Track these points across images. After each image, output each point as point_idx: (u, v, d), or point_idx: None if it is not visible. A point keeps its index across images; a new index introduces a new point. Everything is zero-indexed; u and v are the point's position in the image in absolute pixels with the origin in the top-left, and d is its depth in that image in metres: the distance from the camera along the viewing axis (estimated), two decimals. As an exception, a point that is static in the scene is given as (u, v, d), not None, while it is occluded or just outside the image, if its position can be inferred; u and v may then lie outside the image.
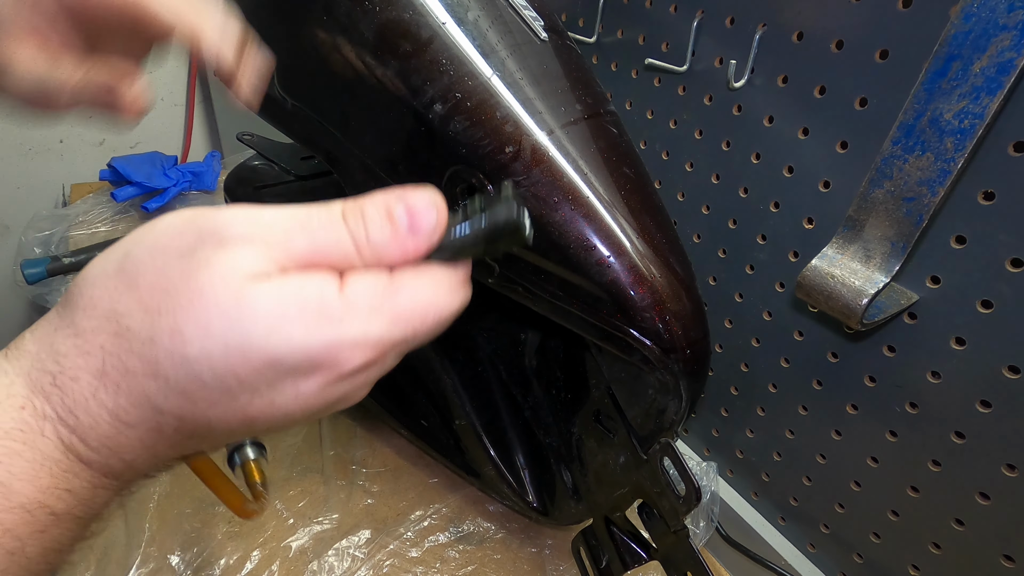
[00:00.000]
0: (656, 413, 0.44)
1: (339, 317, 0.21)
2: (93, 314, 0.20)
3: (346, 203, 0.23)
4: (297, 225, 0.22)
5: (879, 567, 0.53)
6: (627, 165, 0.44)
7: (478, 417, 0.58)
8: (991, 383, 0.42)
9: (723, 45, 0.55)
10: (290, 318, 0.20)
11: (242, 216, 0.21)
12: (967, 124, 0.36)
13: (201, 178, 1.11)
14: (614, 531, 0.49)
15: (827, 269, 0.45)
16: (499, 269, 0.44)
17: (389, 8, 0.45)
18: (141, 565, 0.53)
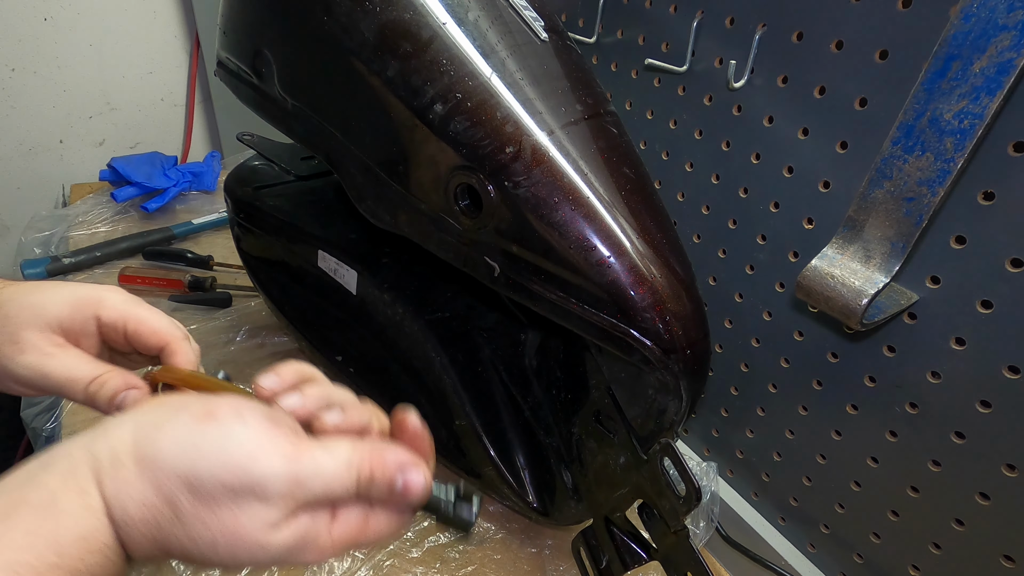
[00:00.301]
0: (656, 413, 0.44)
1: (325, 549, 0.30)
2: (163, 491, 0.27)
3: (360, 458, 0.30)
4: (322, 481, 0.29)
5: (879, 567, 0.53)
6: (627, 165, 0.44)
7: (478, 417, 0.58)
8: (991, 383, 0.42)
9: (723, 45, 0.55)
10: (293, 551, 0.29)
11: (282, 475, 0.28)
12: (967, 124, 0.37)
13: (201, 178, 1.12)
14: (614, 531, 0.49)
15: (827, 269, 0.45)
16: (499, 270, 0.44)
17: (389, 8, 0.45)
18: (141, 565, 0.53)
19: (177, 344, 0.38)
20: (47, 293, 0.37)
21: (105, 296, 0.38)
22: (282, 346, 0.79)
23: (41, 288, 0.37)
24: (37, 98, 1.16)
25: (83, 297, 0.37)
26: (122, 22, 1.18)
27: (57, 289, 0.37)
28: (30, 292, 0.37)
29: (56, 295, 0.37)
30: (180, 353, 0.38)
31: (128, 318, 0.38)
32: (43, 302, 0.36)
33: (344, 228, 0.69)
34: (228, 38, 0.59)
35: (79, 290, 0.38)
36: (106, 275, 0.90)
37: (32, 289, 0.37)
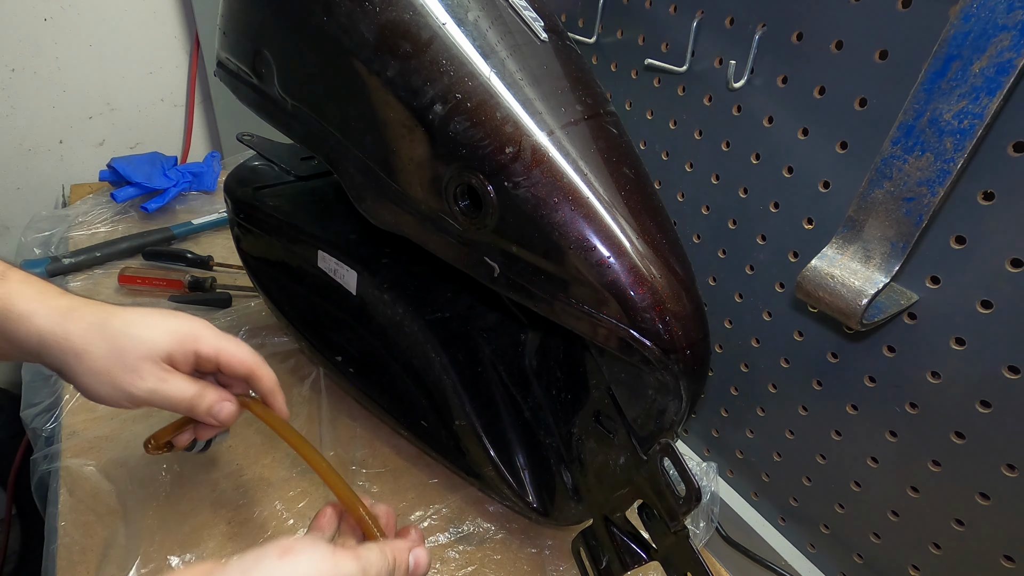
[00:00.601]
0: (656, 413, 0.44)
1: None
2: None
3: (391, 551, 0.41)
4: (375, 570, 0.39)
5: (879, 567, 0.53)
6: (627, 165, 0.44)
7: (478, 417, 0.58)
8: (991, 383, 0.42)
9: (723, 45, 0.55)
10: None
11: (355, 571, 0.38)
12: (967, 124, 0.37)
13: (201, 178, 1.12)
14: (614, 531, 0.49)
15: (827, 269, 0.45)
16: (499, 270, 0.44)
17: (389, 9, 0.45)
18: (141, 566, 0.53)
19: (259, 371, 0.49)
20: (154, 328, 0.44)
21: (201, 332, 0.46)
22: (282, 346, 0.79)
23: (147, 321, 0.45)
24: (37, 98, 1.16)
25: (184, 333, 0.45)
26: (122, 22, 1.18)
27: (161, 322, 0.45)
28: (139, 325, 0.44)
29: (162, 330, 0.45)
30: (263, 378, 0.49)
31: (220, 352, 0.47)
32: (153, 337, 0.44)
33: (344, 228, 0.69)
34: (228, 38, 0.59)
35: (179, 325, 0.46)
36: (106, 275, 0.90)
37: (139, 322, 0.44)
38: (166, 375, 0.44)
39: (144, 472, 0.61)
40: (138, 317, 0.44)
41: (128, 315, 0.44)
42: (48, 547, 0.55)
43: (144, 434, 0.65)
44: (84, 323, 0.43)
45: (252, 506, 0.60)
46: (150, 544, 0.55)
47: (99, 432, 0.65)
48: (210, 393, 0.46)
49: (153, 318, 0.45)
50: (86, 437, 0.64)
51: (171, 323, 0.45)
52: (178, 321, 0.46)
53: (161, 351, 0.44)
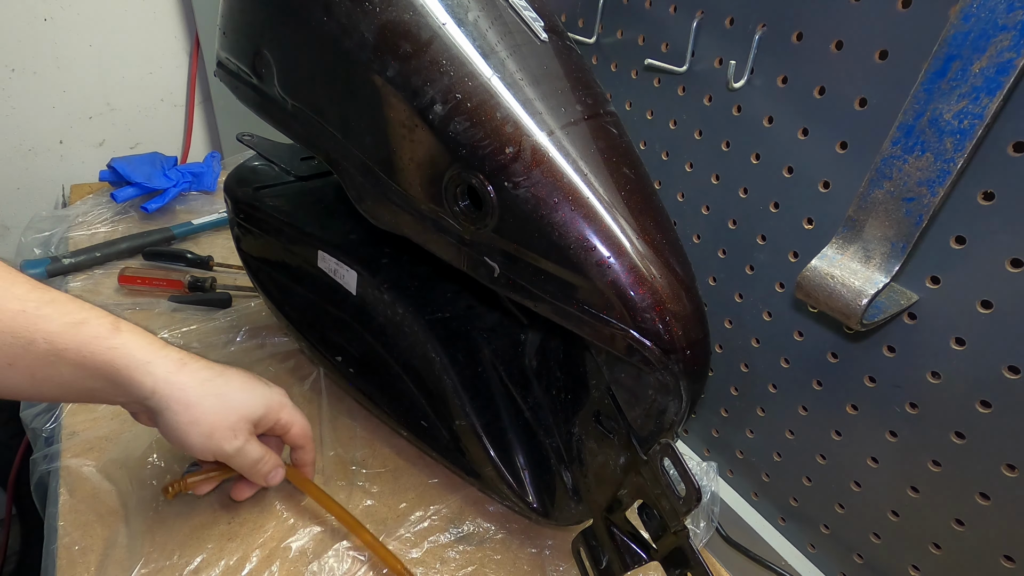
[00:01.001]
0: (656, 414, 0.44)
1: None
2: None
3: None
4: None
5: (879, 567, 0.53)
6: (627, 166, 0.44)
7: (478, 418, 0.58)
8: (991, 383, 0.42)
9: (723, 45, 0.55)
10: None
11: None
12: (967, 124, 0.37)
13: (201, 179, 1.12)
14: (614, 531, 0.49)
15: (827, 269, 0.45)
16: (499, 270, 0.44)
17: (389, 9, 0.45)
18: (142, 566, 0.53)
19: (310, 443, 0.57)
20: (253, 393, 0.51)
21: (284, 403, 0.54)
22: (282, 346, 0.79)
23: (250, 386, 0.51)
24: (37, 98, 1.16)
25: (275, 402, 0.53)
26: (122, 22, 1.18)
27: (260, 388, 0.52)
28: (243, 389, 0.51)
29: (259, 395, 0.52)
30: (309, 451, 0.57)
31: (294, 424, 0.54)
32: (253, 401, 0.51)
33: (344, 228, 0.69)
34: (228, 38, 0.59)
35: (272, 394, 0.53)
36: (106, 275, 0.90)
37: (244, 386, 0.51)
38: (251, 437, 0.51)
39: (144, 472, 0.61)
40: (243, 381, 0.51)
41: (234, 377, 0.51)
42: (48, 547, 0.55)
43: (143, 435, 0.65)
44: (199, 377, 0.48)
45: (252, 506, 0.60)
46: (150, 544, 0.55)
47: (99, 432, 0.65)
48: (271, 458, 0.53)
49: (254, 383, 0.52)
50: (86, 437, 0.64)
51: (266, 391, 0.52)
52: (271, 390, 0.53)
53: (256, 415, 0.51)
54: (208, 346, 0.78)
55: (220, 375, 0.50)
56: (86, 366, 0.43)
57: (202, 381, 0.48)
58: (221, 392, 0.49)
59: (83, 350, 0.43)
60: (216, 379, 0.49)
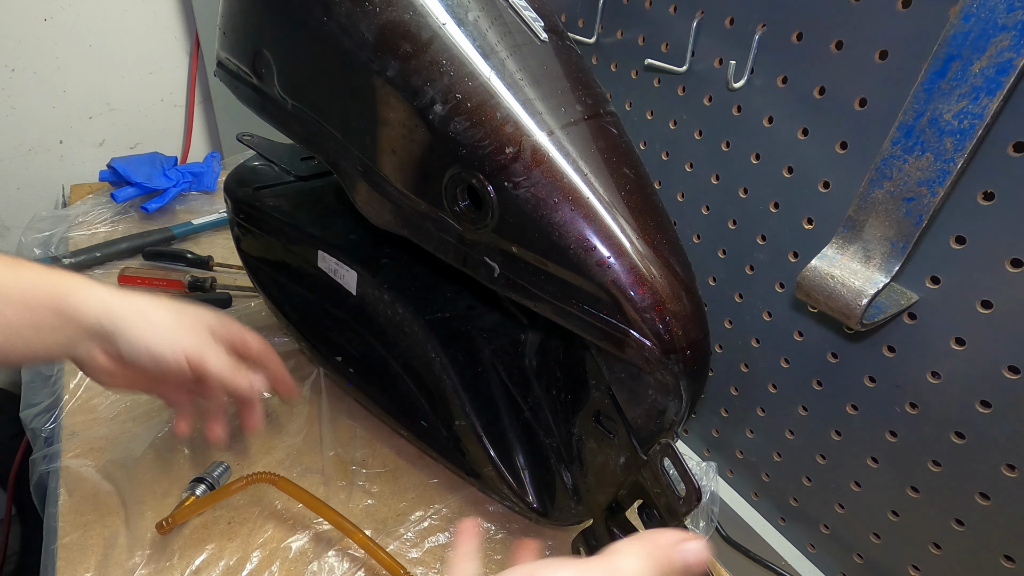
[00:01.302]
0: (656, 414, 0.44)
1: None
2: None
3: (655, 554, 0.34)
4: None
5: (879, 567, 0.53)
6: (627, 166, 0.44)
7: (478, 418, 0.58)
8: (991, 383, 0.42)
9: (723, 45, 0.55)
10: None
11: None
12: (967, 124, 0.37)
13: (201, 179, 1.12)
14: (614, 531, 0.49)
15: (827, 269, 0.45)
16: (499, 270, 0.44)
17: (389, 9, 0.45)
18: (142, 566, 0.53)
19: (272, 356, 0.56)
20: (199, 307, 0.52)
21: (232, 320, 0.54)
22: (282, 346, 0.79)
23: (192, 304, 0.52)
24: (37, 98, 1.16)
25: (223, 317, 0.53)
26: (122, 22, 1.18)
27: (198, 306, 0.52)
28: (187, 305, 0.51)
29: (201, 309, 0.52)
30: (274, 362, 0.56)
31: (247, 336, 0.54)
32: (202, 311, 0.52)
33: (344, 228, 0.69)
34: (228, 38, 0.59)
35: (218, 312, 0.53)
36: (106, 275, 0.90)
37: (186, 303, 0.51)
38: (213, 340, 0.51)
39: (144, 472, 0.61)
40: (184, 301, 0.52)
41: (175, 300, 0.51)
42: (48, 547, 0.55)
43: (143, 435, 0.65)
44: (143, 297, 0.49)
45: (252, 506, 0.60)
46: (151, 545, 0.55)
47: (99, 432, 0.65)
48: (248, 371, 0.52)
49: (189, 304, 0.52)
50: (86, 437, 0.64)
51: (212, 310, 0.53)
52: (217, 311, 0.53)
53: (211, 321, 0.51)
54: (208, 346, 0.78)
55: (161, 299, 0.50)
56: (29, 303, 0.44)
57: (148, 299, 0.49)
58: (170, 305, 0.50)
59: (24, 285, 0.44)
60: (159, 299, 0.50)
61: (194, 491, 0.58)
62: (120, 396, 0.69)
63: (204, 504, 0.56)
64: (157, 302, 0.49)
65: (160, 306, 0.49)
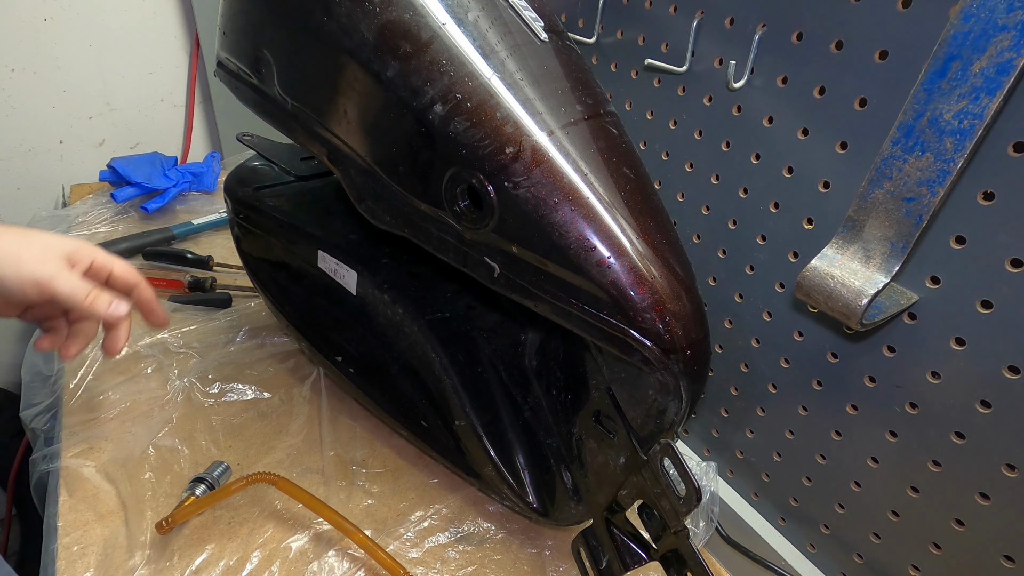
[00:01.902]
0: (656, 414, 0.44)
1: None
2: None
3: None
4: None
5: (879, 567, 0.53)
6: (627, 166, 0.44)
7: (478, 418, 0.58)
8: (991, 383, 0.42)
9: (723, 45, 0.55)
10: None
11: None
12: (967, 124, 0.37)
13: (201, 179, 1.12)
14: (614, 531, 0.49)
15: (827, 269, 0.45)
16: (499, 270, 0.44)
17: (389, 9, 0.45)
18: (142, 566, 0.53)
19: (143, 284, 0.55)
20: (54, 234, 0.51)
21: (95, 247, 0.53)
22: (282, 346, 0.79)
23: (46, 232, 0.51)
24: (37, 98, 1.16)
25: (82, 243, 0.52)
26: (122, 22, 1.18)
27: (59, 235, 0.52)
28: (40, 232, 0.50)
29: (61, 237, 0.51)
30: (145, 289, 0.56)
31: (114, 263, 0.54)
32: (55, 238, 0.50)
33: (344, 228, 0.69)
34: (228, 38, 0.59)
35: (77, 240, 0.52)
36: (106, 275, 0.90)
37: (42, 231, 0.51)
38: (68, 267, 0.50)
39: (144, 472, 0.61)
40: (38, 229, 0.51)
41: (31, 229, 0.51)
42: (48, 547, 0.55)
43: (143, 436, 0.65)
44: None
45: (252, 506, 0.60)
46: (151, 545, 0.55)
47: (99, 432, 0.65)
48: (107, 293, 0.52)
49: (51, 232, 0.52)
50: (86, 437, 0.64)
51: (68, 237, 0.52)
52: (73, 238, 0.52)
53: (64, 249, 0.50)
54: (208, 346, 0.78)
55: (11, 228, 0.49)
56: None
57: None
58: (22, 232, 0.49)
59: None
60: (13, 227, 0.49)
61: (194, 491, 0.58)
62: (120, 396, 0.69)
63: (204, 504, 0.56)
64: (10, 230, 0.48)
65: (7, 234, 0.48)
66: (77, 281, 0.50)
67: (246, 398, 0.72)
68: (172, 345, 0.77)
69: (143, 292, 0.55)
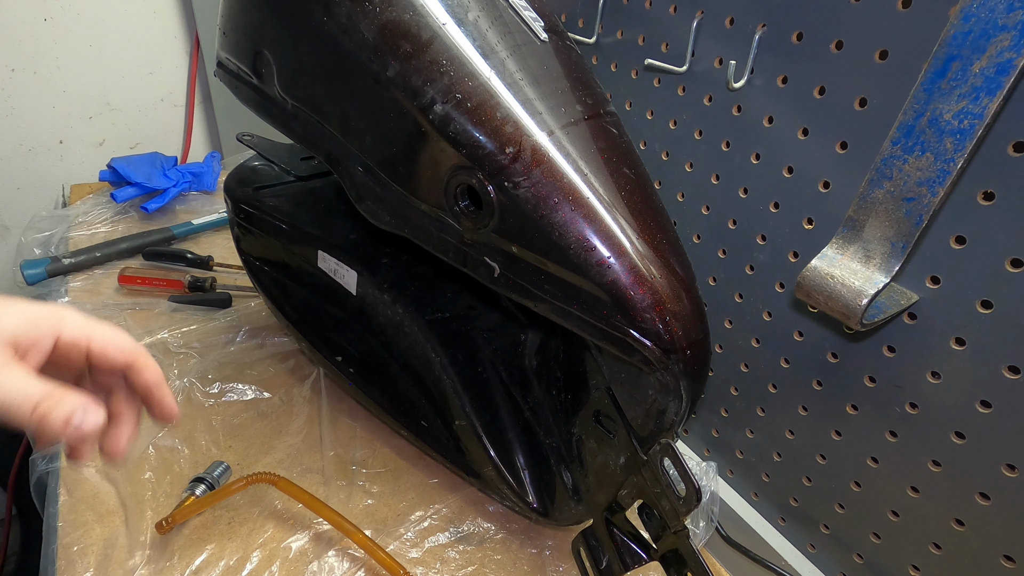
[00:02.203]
0: (656, 414, 0.44)
1: None
2: None
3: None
4: None
5: (879, 567, 0.53)
6: (627, 166, 0.44)
7: (478, 418, 0.58)
8: (991, 383, 0.42)
9: (723, 45, 0.55)
10: None
11: None
12: (966, 124, 0.37)
13: (201, 179, 1.12)
14: (614, 531, 0.49)
15: (827, 269, 0.45)
16: (499, 270, 0.44)
17: (389, 9, 0.45)
18: (142, 566, 0.53)
19: (140, 359, 0.39)
20: (7, 307, 0.36)
21: (65, 315, 0.37)
22: (282, 346, 0.79)
23: (3, 302, 0.36)
24: (37, 98, 1.16)
25: (42, 315, 0.36)
26: (122, 22, 1.18)
27: (14, 304, 0.36)
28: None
29: (13, 311, 0.35)
30: (145, 368, 0.39)
31: (92, 335, 0.38)
32: (3, 315, 0.35)
33: (344, 228, 0.69)
34: (228, 38, 0.59)
35: (37, 307, 0.37)
36: (106, 275, 0.90)
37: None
38: (11, 359, 0.34)
39: (144, 473, 0.61)
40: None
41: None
42: (48, 547, 0.55)
43: (143, 436, 0.65)
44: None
45: (252, 506, 0.60)
46: (151, 545, 0.55)
47: (99, 432, 0.65)
48: (70, 397, 0.34)
49: (5, 300, 0.36)
50: (86, 437, 0.64)
51: (26, 306, 0.36)
52: (37, 306, 0.37)
53: (10, 329, 0.35)
54: (208, 346, 0.78)
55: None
56: None
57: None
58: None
59: None
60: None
61: (194, 491, 0.58)
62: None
63: (204, 504, 0.56)
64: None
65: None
66: (20, 382, 0.33)
67: (246, 398, 0.72)
68: (172, 345, 0.77)
69: (144, 374, 0.39)
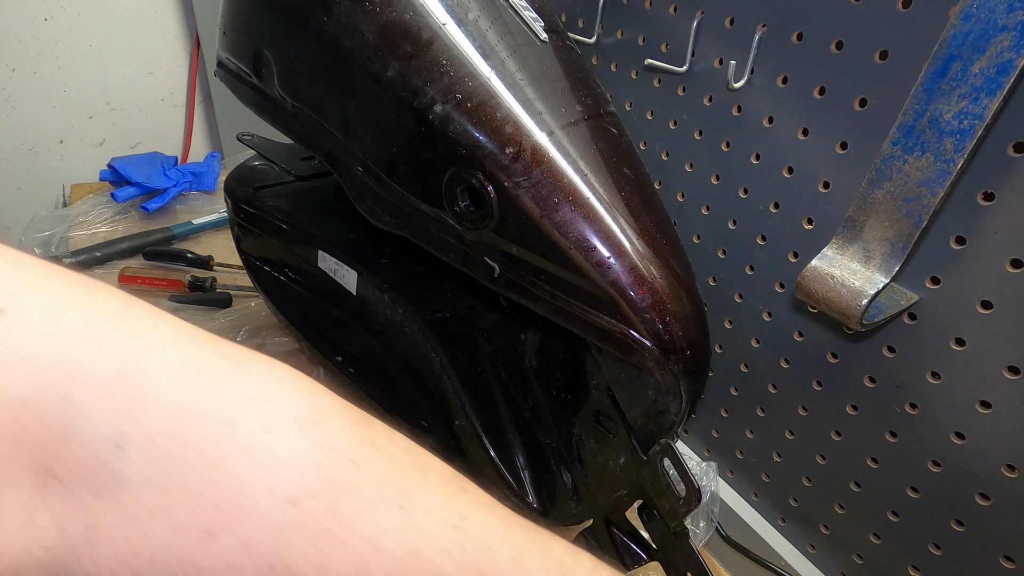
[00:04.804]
0: (656, 414, 0.44)
1: None
2: None
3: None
4: None
5: (879, 567, 0.53)
6: (627, 166, 0.44)
7: (478, 418, 0.58)
8: (991, 383, 0.42)
9: (723, 45, 0.55)
10: None
11: None
12: (967, 125, 0.37)
13: (201, 178, 1.12)
14: (614, 531, 0.49)
15: (827, 270, 0.45)
16: (499, 270, 0.44)
17: (389, 9, 0.45)
18: (141, 566, 0.53)
19: None
20: None
21: None
22: (282, 346, 0.79)
23: None
24: (37, 98, 1.16)
25: None
26: (122, 22, 1.18)
27: None
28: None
29: None
30: None
31: None
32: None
33: (344, 228, 0.69)
34: (228, 38, 0.59)
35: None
36: (106, 275, 0.90)
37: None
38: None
39: (144, 472, 0.61)
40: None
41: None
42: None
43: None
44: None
45: (252, 506, 0.60)
46: (150, 544, 0.55)
47: (99, 432, 0.65)
48: None
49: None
50: (86, 437, 0.64)
51: None
52: None
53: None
54: (208, 346, 0.78)
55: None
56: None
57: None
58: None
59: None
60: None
61: None
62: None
63: None
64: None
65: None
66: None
67: (246, 398, 0.72)
68: (172, 345, 0.77)
69: None
